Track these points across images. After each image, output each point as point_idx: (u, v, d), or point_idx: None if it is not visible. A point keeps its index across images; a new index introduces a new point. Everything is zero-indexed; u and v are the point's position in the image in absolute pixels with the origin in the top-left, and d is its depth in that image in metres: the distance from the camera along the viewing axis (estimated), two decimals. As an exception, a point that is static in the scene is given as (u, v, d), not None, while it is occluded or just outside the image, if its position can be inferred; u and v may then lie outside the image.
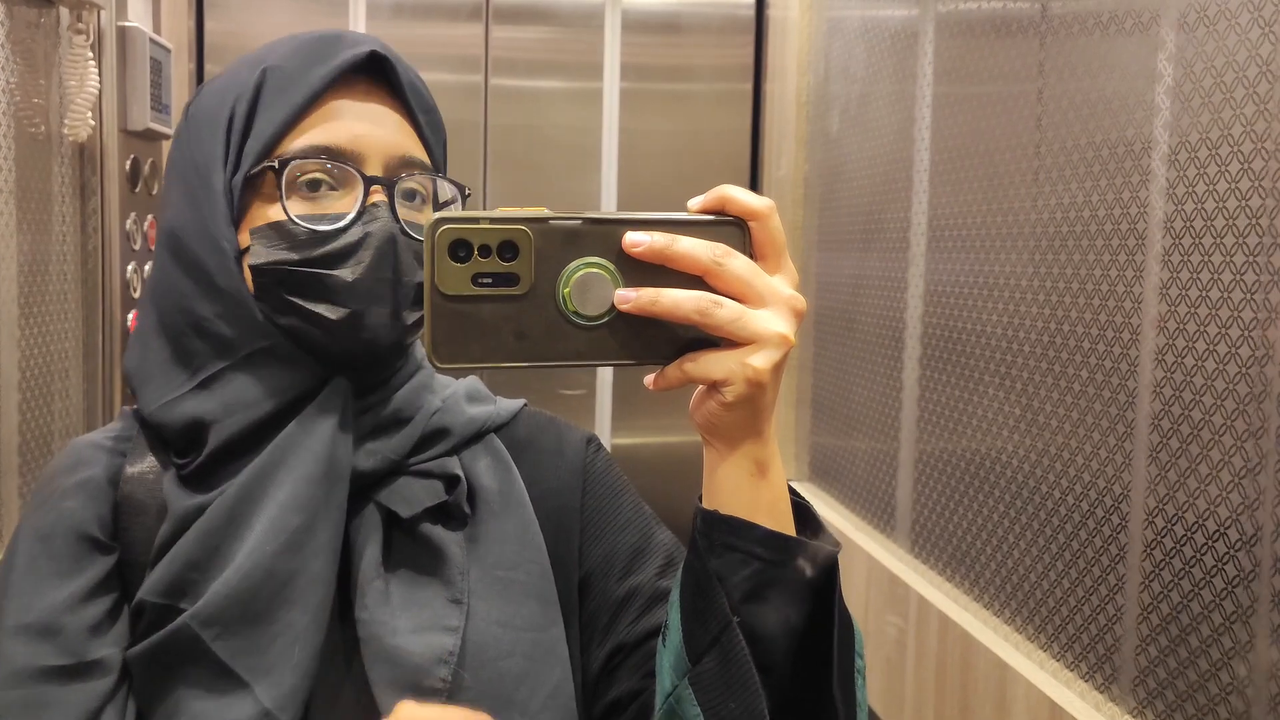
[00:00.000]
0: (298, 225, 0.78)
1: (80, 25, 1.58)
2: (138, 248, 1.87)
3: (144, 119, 1.79)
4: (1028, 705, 1.22)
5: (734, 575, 0.65)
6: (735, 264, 0.61)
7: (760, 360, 0.61)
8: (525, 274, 0.60)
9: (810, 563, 0.66)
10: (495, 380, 0.89)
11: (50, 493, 0.82)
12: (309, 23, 2.46)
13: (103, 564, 0.80)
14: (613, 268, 0.61)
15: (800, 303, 0.63)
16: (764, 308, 0.62)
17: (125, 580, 0.81)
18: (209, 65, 2.38)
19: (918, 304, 1.67)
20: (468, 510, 0.84)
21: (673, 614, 0.68)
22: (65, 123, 1.60)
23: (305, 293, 0.78)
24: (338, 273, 0.78)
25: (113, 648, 0.78)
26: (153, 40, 1.83)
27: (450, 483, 0.84)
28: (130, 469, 0.83)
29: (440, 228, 0.60)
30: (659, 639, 0.71)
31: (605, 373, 2.65)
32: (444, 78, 2.50)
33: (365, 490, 0.82)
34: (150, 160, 1.89)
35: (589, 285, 0.61)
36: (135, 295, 1.82)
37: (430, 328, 0.60)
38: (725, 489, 0.66)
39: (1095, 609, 1.17)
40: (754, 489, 0.66)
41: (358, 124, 0.81)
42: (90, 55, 1.60)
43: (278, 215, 0.79)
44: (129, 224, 1.79)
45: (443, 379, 0.91)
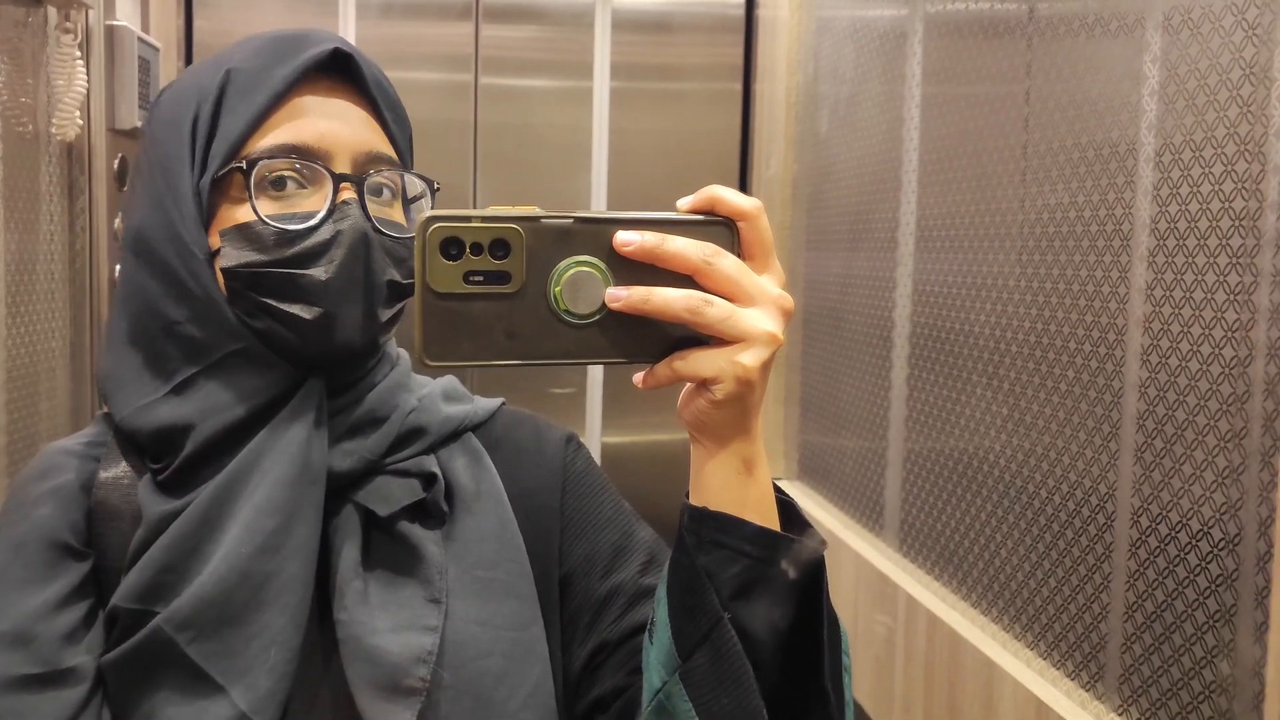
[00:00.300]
0: (268, 225, 0.78)
1: (68, 24, 1.57)
2: (126, 247, 1.86)
3: (132, 118, 1.79)
4: (1015, 703, 1.23)
5: (723, 572, 0.65)
6: (725, 263, 0.62)
7: (750, 358, 0.62)
8: (517, 272, 0.61)
9: (798, 560, 0.66)
10: (486, 378, 0.89)
11: (23, 500, 0.82)
12: (297, 21, 2.45)
13: (76, 571, 0.80)
14: (603, 266, 0.62)
15: (788, 302, 0.64)
16: (753, 306, 0.62)
17: (100, 587, 0.81)
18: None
19: (906, 304, 1.68)
20: (445, 509, 0.84)
21: (659, 611, 0.68)
22: (53, 122, 1.59)
23: (278, 294, 0.78)
24: (311, 272, 0.77)
25: (87, 655, 0.78)
26: (141, 39, 1.83)
27: (428, 481, 0.84)
28: (104, 474, 0.83)
29: (432, 226, 0.60)
30: (644, 636, 0.71)
31: (595, 371, 2.65)
32: (434, 76, 2.50)
33: (343, 491, 0.82)
34: (139, 159, 1.88)
35: (580, 284, 0.61)
36: (124, 295, 1.81)
37: (421, 326, 0.60)
38: (713, 486, 0.66)
39: (1081, 607, 1.17)
40: (741, 486, 0.66)
41: (324, 121, 0.81)
42: (78, 54, 1.59)
43: (247, 216, 0.79)
44: (117, 223, 1.79)
45: (420, 378, 0.91)
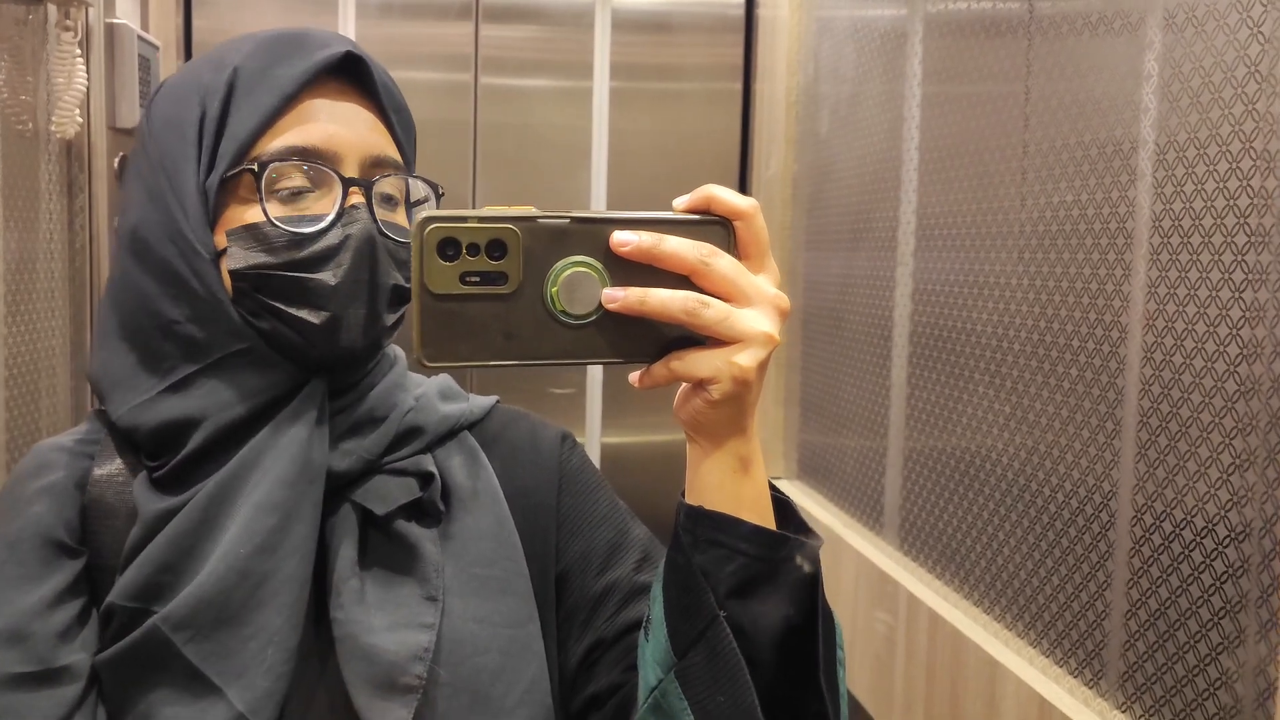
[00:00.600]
0: (277, 227, 0.77)
1: (68, 22, 1.57)
2: (126, 245, 1.86)
3: (132, 116, 1.79)
4: (1017, 701, 1.23)
5: (719, 570, 0.65)
6: (721, 263, 0.62)
7: (746, 359, 0.62)
8: (513, 273, 0.61)
9: (794, 557, 0.67)
10: (485, 378, 0.89)
11: (16, 497, 0.82)
12: (298, 20, 2.45)
13: (70, 569, 0.79)
14: (600, 267, 0.61)
15: (784, 301, 0.64)
16: (749, 307, 0.62)
17: (94, 585, 0.81)
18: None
19: (906, 303, 1.68)
20: (442, 508, 0.84)
21: (655, 608, 0.68)
22: (53, 120, 1.59)
23: (286, 296, 0.78)
24: (319, 276, 0.77)
25: (81, 653, 0.77)
26: (141, 37, 1.83)
27: (424, 480, 0.84)
28: (98, 472, 0.82)
29: (429, 226, 0.59)
30: (640, 633, 0.71)
31: (595, 371, 2.65)
32: (433, 76, 2.50)
33: (340, 490, 0.81)
34: (138, 158, 1.88)
35: (577, 284, 0.61)
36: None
37: (419, 326, 0.60)
38: (709, 485, 0.66)
39: (1085, 605, 1.17)
40: (737, 485, 0.66)
41: (333, 124, 0.80)
42: (78, 52, 1.59)
43: (254, 217, 0.78)
44: (117, 221, 1.79)
45: (415, 377, 0.91)
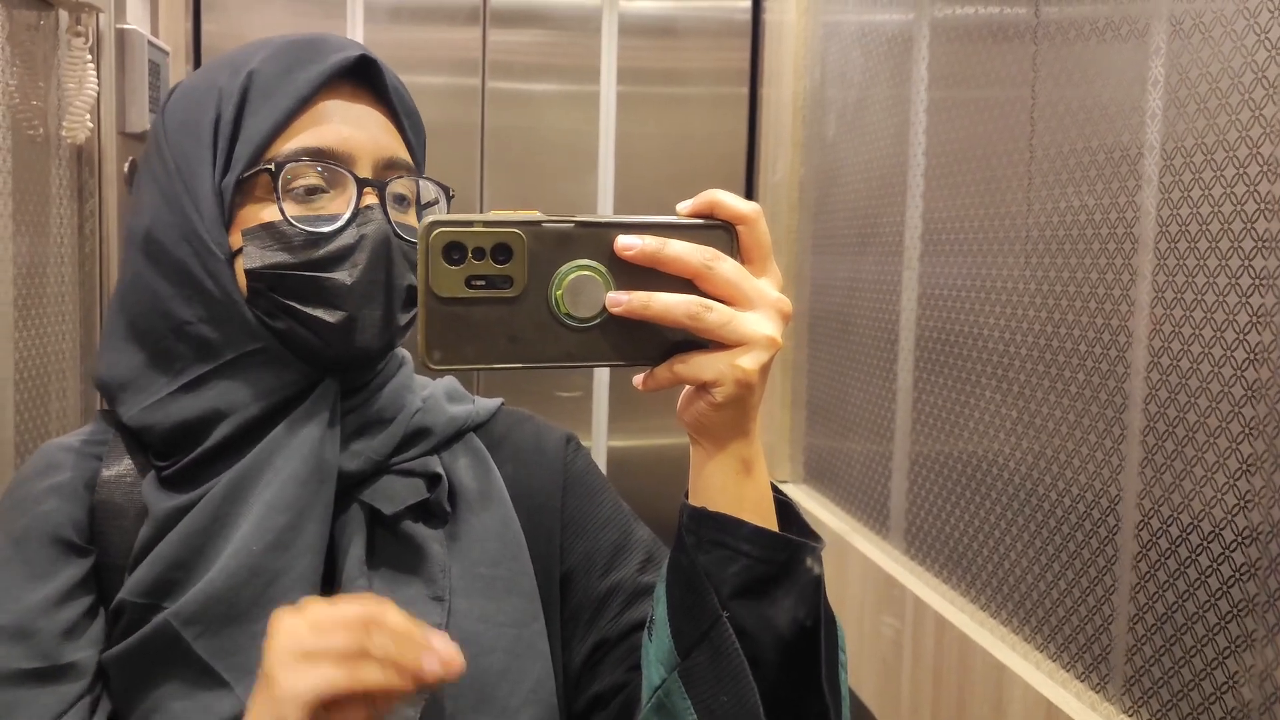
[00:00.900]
0: (294, 227, 0.78)
1: (79, 28, 1.58)
2: (136, 249, 1.87)
3: (142, 121, 1.80)
4: (1024, 706, 1.23)
5: (722, 571, 0.66)
6: (724, 267, 0.63)
7: (749, 362, 0.63)
8: (518, 276, 0.61)
9: (796, 559, 0.67)
10: (491, 381, 0.90)
11: (23, 496, 0.82)
12: (306, 25, 2.46)
13: (78, 566, 0.80)
14: (604, 270, 0.62)
15: (786, 305, 0.65)
16: (752, 310, 0.63)
17: (103, 584, 0.81)
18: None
19: (913, 308, 1.68)
20: (448, 509, 0.85)
21: (659, 609, 0.69)
22: (64, 125, 1.60)
23: (301, 296, 0.79)
24: (335, 275, 0.78)
25: (87, 651, 0.78)
26: (151, 43, 1.84)
27: (432, 481, 0.85)
28: (106, 473, 0.83)
29: (434, 230, 0.60)
30: (643, 633, 0.72)
31: (601, 375, 2.66)
32: (441, 80, 2.51)
33: (349, 490, 0.82)
34: (148, 162, 1.89)
35: (581, 288, 0.62)
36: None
37: (424, 330, 0.61)
38: (712, 487, 0.67)
39: (1092, 609, 1.18)
40: (740, 487, 0.67)
41: (346, 126, 0.81)
42: (89, 58, 1.60)
43: (270, 216, 0.79)
44: (126, 224, 1.80)
45: (421, 379, 0.92)
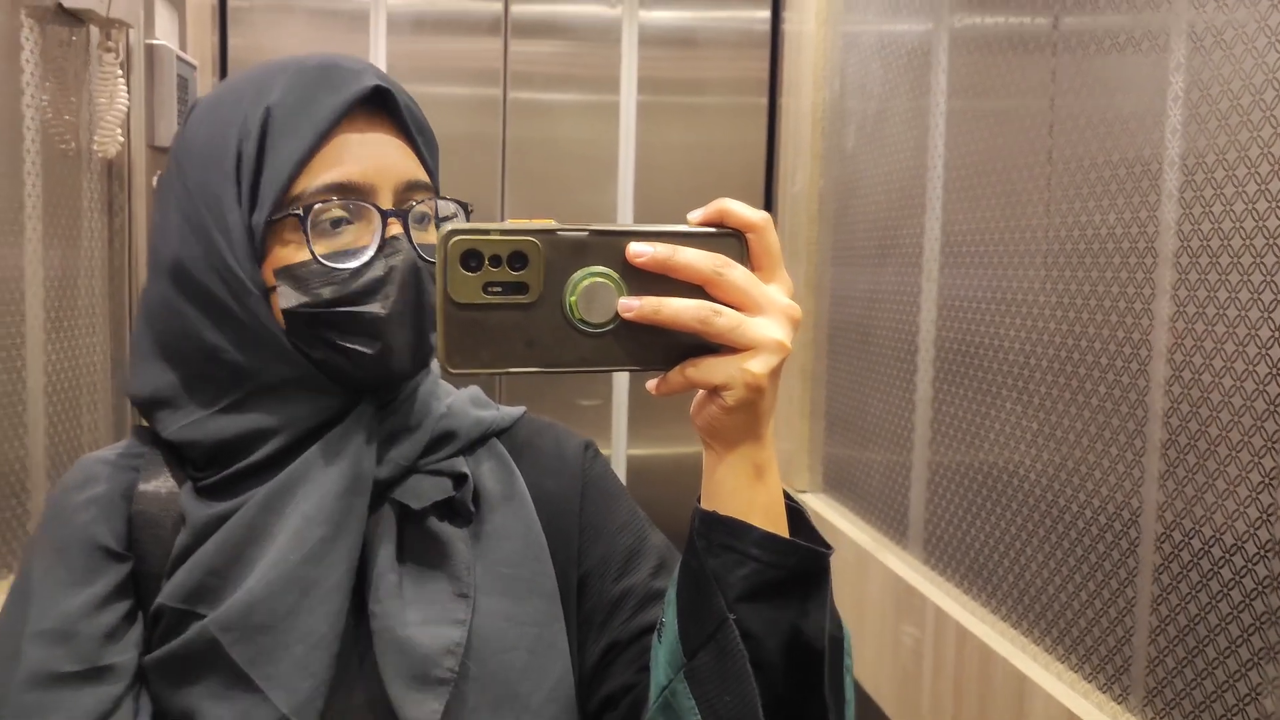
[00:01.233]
0: (324, 266, 0.81)
1: (110, 44, 1.60)
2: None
3: (171, 135, 1.82)
4: (1046, 716, 1.23)
5: (730, 574, 0.67)
6: (734, 274, 0.64)
7: (758, 365, 0.64)
8: (534, 283, 0.63)
9: (804, 565, 0.68)
10: (513, 389, 0.92)
11: (63, 508, 0.85)
12: (330, 37, 2.49)
13: (117, 572, 0.83)
14: (617, 277, 0.64)
15: (796, 311, 0.66)
16: (762, 315, 0.65)
17: (140, 591, 0.84)
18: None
19: (932, 318, 1.69)
20: (472, 509, 0.87)
21: (669, 611, 0.71)
22: (95, 139, 1.62)
23: (338, 329, 0.81)
24: (370, 308, 0.81)
25: (126, 654, 0.81)
26: (179, 57, 1.86)
27: (458, 480, 0.87)
28: (144, 485, 0.86)
29: (452, 239, 0.62)
30: (654, 636, 0.74)
31: (621, 384, 2.67)
32: (463, 91, 2.53)
33: (381, 491, 0.85)
34: (176, 175, 1.91)
35: (594, 294, 0.63)
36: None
37: (443, 335, 0.63)
38: (724, 490, 0.69)
39: (1114, 620, 1.18)
40: (751, 491, 0.68)
41: (366, 157, 0.84)
42: (120, 73, 1.62)
43: (298, 256, 0.82)
44: (150, 243, 1.82)
45: (446, 386, 0.95)
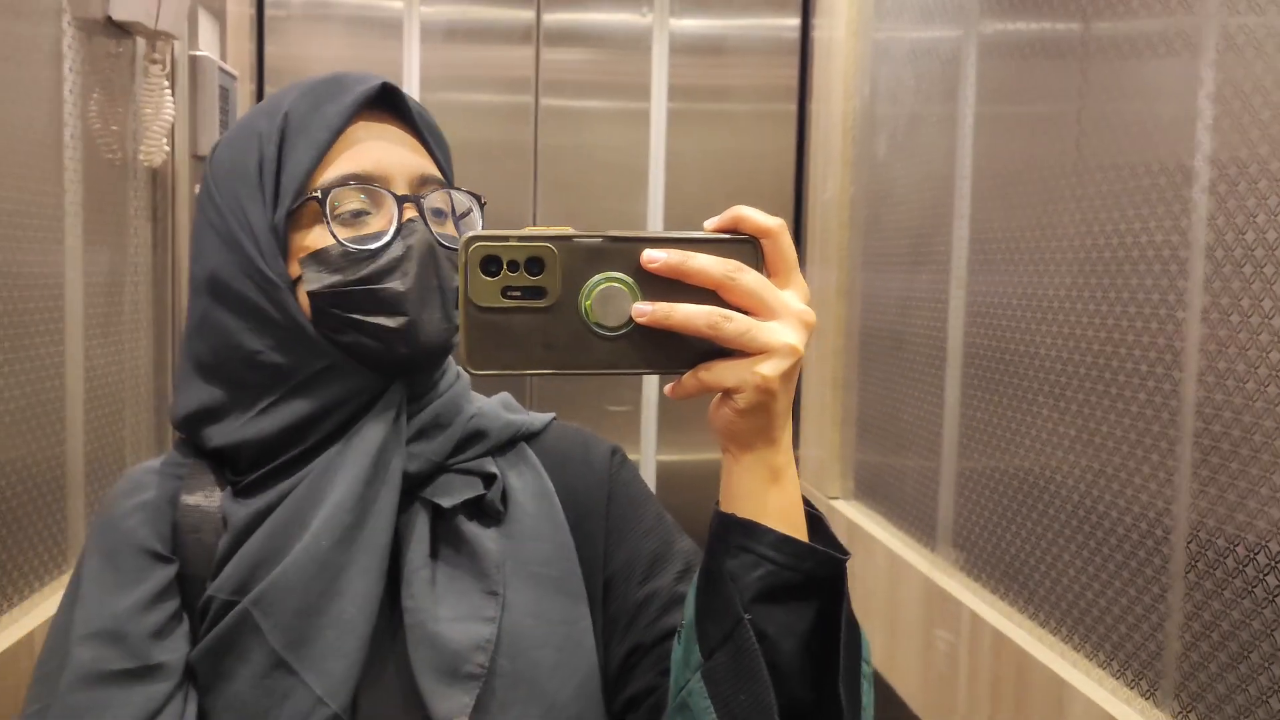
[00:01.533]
0: (345, 247, 0.84)
1: (156, 55, 1.63)
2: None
3: (212, 144, 1.85)
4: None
5: (746, 575, 0.69)
6: (747, 279, 0.66)
7: (769, 368, 0.65)
8: (551, 288, 0.65)
9: (819, 568, 0.70)
10: (544, 396, 0.94)
11: (112, 514, 0.89)
12: (365, 45, 2.52)
13: (164, 574, 0.86)
14: (632, 282, 0.66)
15: (810, 316, 0.68)
16: (774, 320, 0.66)
17: (184, 593, 0.87)
18: (269, 87, 2.45)
19: (962, 323, 1.69)
20: (501, 509, 0.90)
21: (688, 612, 0.73)
22: (141, 149, 1.65)
23: (363, 308, 0.84)
24: (391, 285, 0.84)
25: (174, 652, 0.83)
26: (221, 68, 1.89)
27: (487, 480, 0.90)
28: (187, 495, 0.89)
29: (473, 245, 0.64)
30: (675, 638, 0.75)
31: (651, 390, 2.69)
32: (496, 99, 2.56)
33: (412, 490, 0.88)
34: (216, 183, 1.94)
35: (609, 298, 0.65)
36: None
37: (465, 337, 0.65)
38: (740, 493, 0.70)
39: (1154, 626, 1.19)
40: (767, 494, 0.70)
41: (378, 149, 0.88)
42: (166, 84, 1.65)
43: (320, 242, 0.85)
44: (190, 268, 1.85)
45: (476, 394, 0.98)
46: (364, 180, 0.86)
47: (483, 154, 2.53)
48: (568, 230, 0.65)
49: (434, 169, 0.91)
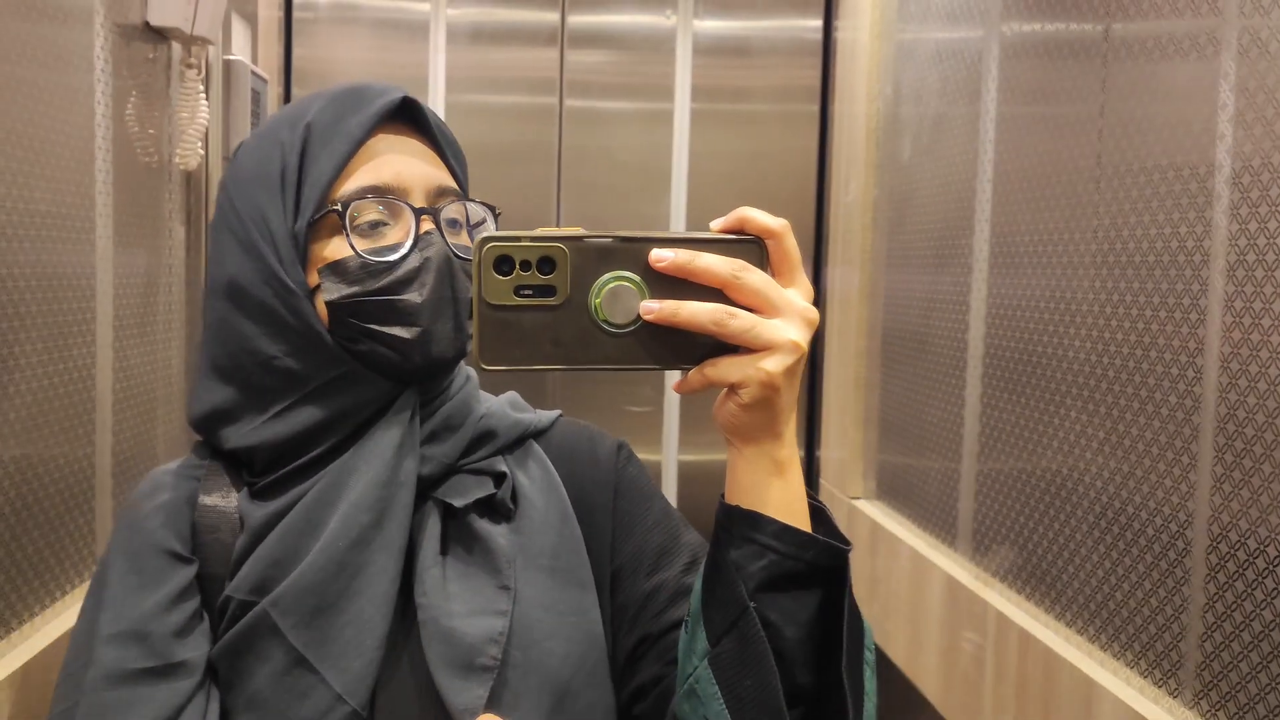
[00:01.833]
0: (363, 258, 0.87)
1: (191, 60, 1.66)
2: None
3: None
4: (1114, 720, 1.25)
5: (751, 565, 0.71)
6: (752, 278, 0.68)
7: (772, 365, 0.68)
8: (562, 286, 0.67)
9: (821, 557, 0.72)
10: (565, 395, 0.96)
11: (134, 516, 0.91)
12: (391, 48, 2.54)
13: (184, 574, 0.88)
14: (640, 281, 0.68)
15: (813, 314, 0.70)
16: (778, 318, 0.68)
17: (203, 592, 0.90)
18: (296, 89, 2.47)
19: (985, 324, 1.70)
20: (512, 507, 0.92)
21: (694, 602, 0.75)
22: (177, 153, 1.68)
23: (379, 318, 0.87)
24: (407, 296, 0.86)
25: (196, 650, 0.86)
26: (253, 72, 1.92)
27: (498, 479, 0.92)
28: (204, 495, 0.92)
29: (487, 245, 0.67)
30: (682, 628, 0.78)
31: (672, 391, 2.70)
32: (520, 100, 2.57)
33: (425, 490, 0.91)
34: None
35: (618, 297, 0.68)
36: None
37: (478, 333, 0.68)
38: (745, 485, 0.73)
39: (1186, 625, 1.19)
40: (771, 486, 0.72)
41: (398, 161, 0.90)
42: (201, 88, 1.68)
43: (339, 252, 0.88)
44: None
45: (485, 393, 1.01)
46: (383, 193, 0.88)
47: (507, 155, 2.55)
48: (578, 231, 0.68)
49: (450, 181, 0.94)
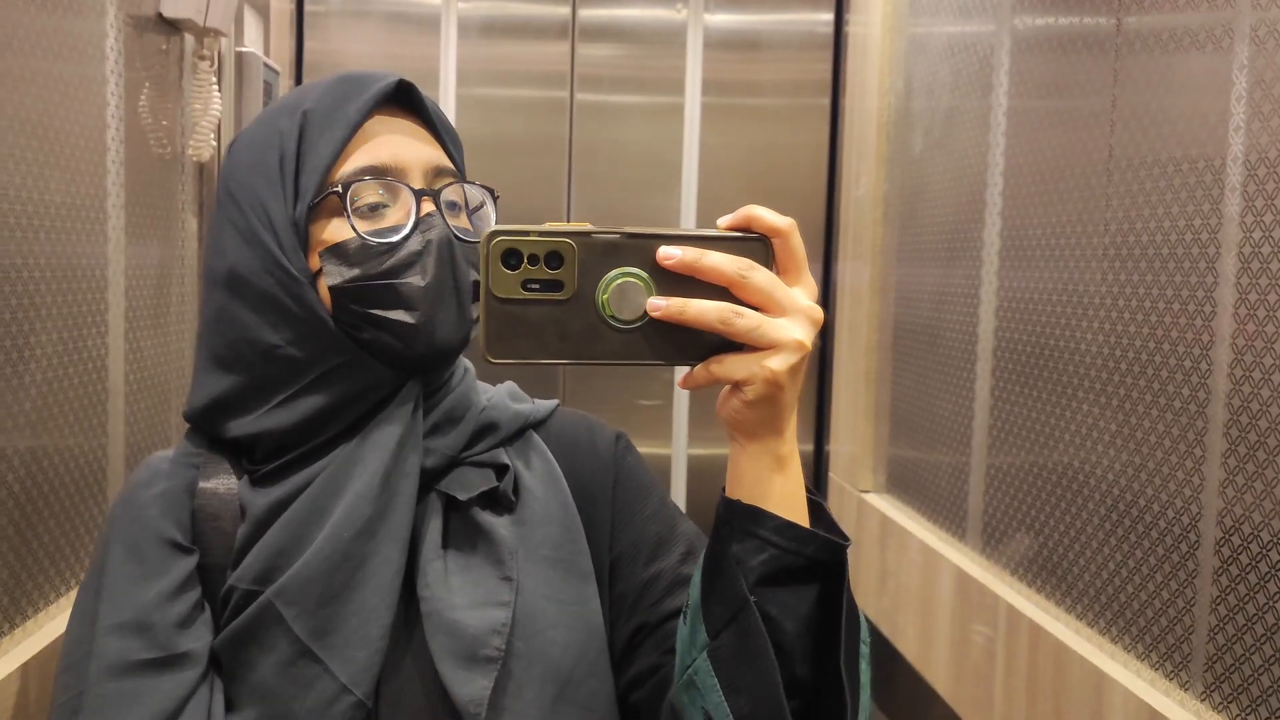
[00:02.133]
0: (365, 240, 0.87)
1: (204, 52, 1.66)
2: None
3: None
4: (1125, 713, 1.25)
5: (750, 559, 0.71)
6: (757, 276, 0.68)
7: (777, 363, 0.68)
8: (569, 281, 0.67)
9: (820, 551, 0.73)
10: (575, 390, 0.96)
11: (132, 504, 0.91)
12: (402, 40, 2.54)
13: (185, 564, 0.88)
14: (647, 277, 0.68)
15: (818, 313, 0.70)
16: (783, 316, 0.69)
17: (204, 582, 0.89)
18: (307, 81, 2.48)
19: (996, 319, 1.70)
20: (514, 499, 0.93)
21: (693, 594, 0.75)
22: (190, 144, 1.68)
23: (382, 303, 0.86)
24: (410, 280, 0.86)
25: (199, 640, 0.86)
26: (265, 64, 1.92)
27: (500, 471, 0.93)
28: (204, 483, 0.91)
29: (494, 239, 0.67)
30: (680, 618, 0.78)
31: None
32: (531, 94, 2.58)
33: (427, 483, 0.91)
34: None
35: (625, 293, 0.68)
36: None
37: (485, 327, 0.68)
38: (746, 480, 0.73)
39: (1196, 618, 1.19)
40: (772, 482, 0.73)
41: (395, 142, 0.90)
42: (214, 80, 1.68)
43: (339, 235, 0.88)
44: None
45: (484, 385, 1.01)
46: (381, 173, 0.88)
47: (518, 149, 2.55)
48: (586, 226, 0.68)
49: (447, 161, 0.94)
